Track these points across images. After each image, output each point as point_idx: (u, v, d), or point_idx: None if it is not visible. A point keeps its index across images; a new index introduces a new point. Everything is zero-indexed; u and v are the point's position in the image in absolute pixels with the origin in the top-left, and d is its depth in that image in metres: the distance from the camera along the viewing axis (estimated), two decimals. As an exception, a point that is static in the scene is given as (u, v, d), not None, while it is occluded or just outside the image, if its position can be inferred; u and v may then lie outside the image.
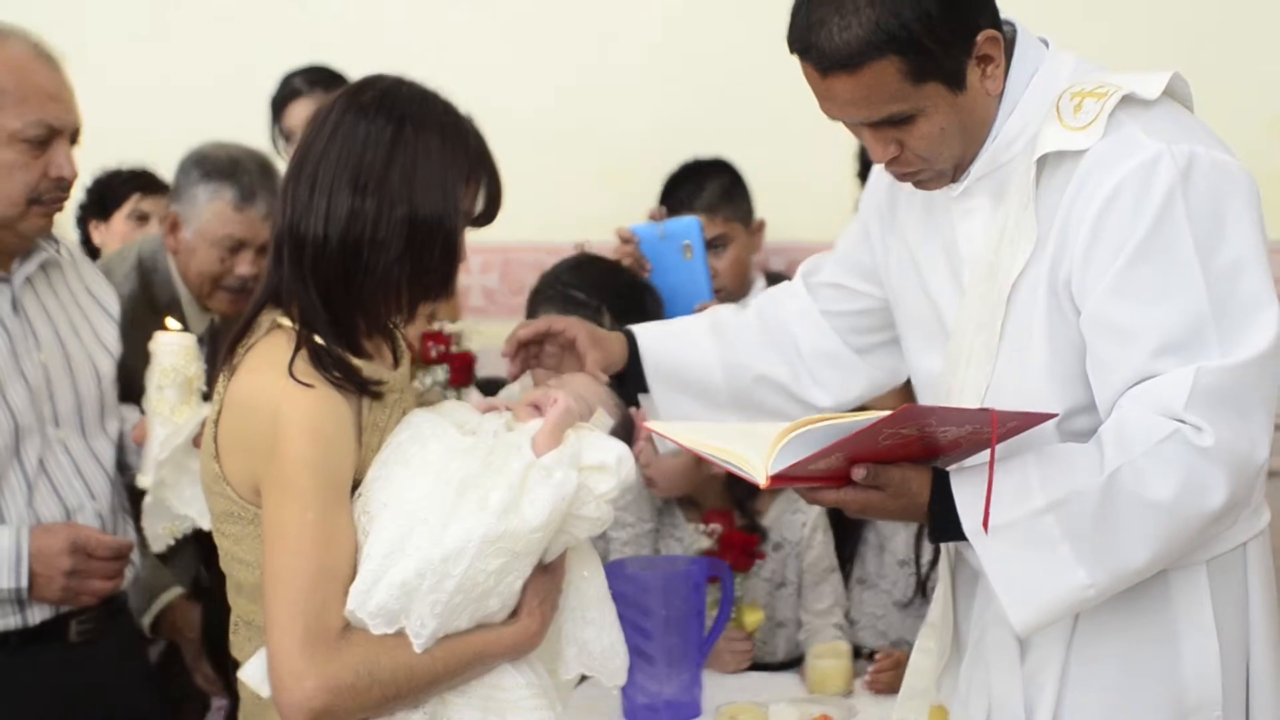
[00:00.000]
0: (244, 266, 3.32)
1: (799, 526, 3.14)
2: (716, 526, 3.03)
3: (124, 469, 2.75)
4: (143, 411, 2.65)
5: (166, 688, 3.09)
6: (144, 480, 2.57)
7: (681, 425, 2.21)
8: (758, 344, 2.48)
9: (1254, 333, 1.94)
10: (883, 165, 2.11)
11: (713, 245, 3.52)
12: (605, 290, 3.14)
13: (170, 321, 2.70)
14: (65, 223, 3.61)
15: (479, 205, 2.01)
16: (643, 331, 2.49)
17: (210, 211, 3.31)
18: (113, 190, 3.96)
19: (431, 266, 1.94)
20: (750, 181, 3.69)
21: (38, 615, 2.54)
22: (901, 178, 2.13)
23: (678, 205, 3.55)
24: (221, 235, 3.30)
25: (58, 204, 2.56)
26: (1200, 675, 2.06)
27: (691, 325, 2.52)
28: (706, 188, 3.59)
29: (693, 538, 3.11)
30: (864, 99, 2.00)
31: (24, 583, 2.46)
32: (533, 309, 3.20)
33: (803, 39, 2.00)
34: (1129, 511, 1.93)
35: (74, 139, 2.57)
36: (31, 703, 2.55)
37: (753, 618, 3.06)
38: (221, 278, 3.32)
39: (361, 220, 1.90)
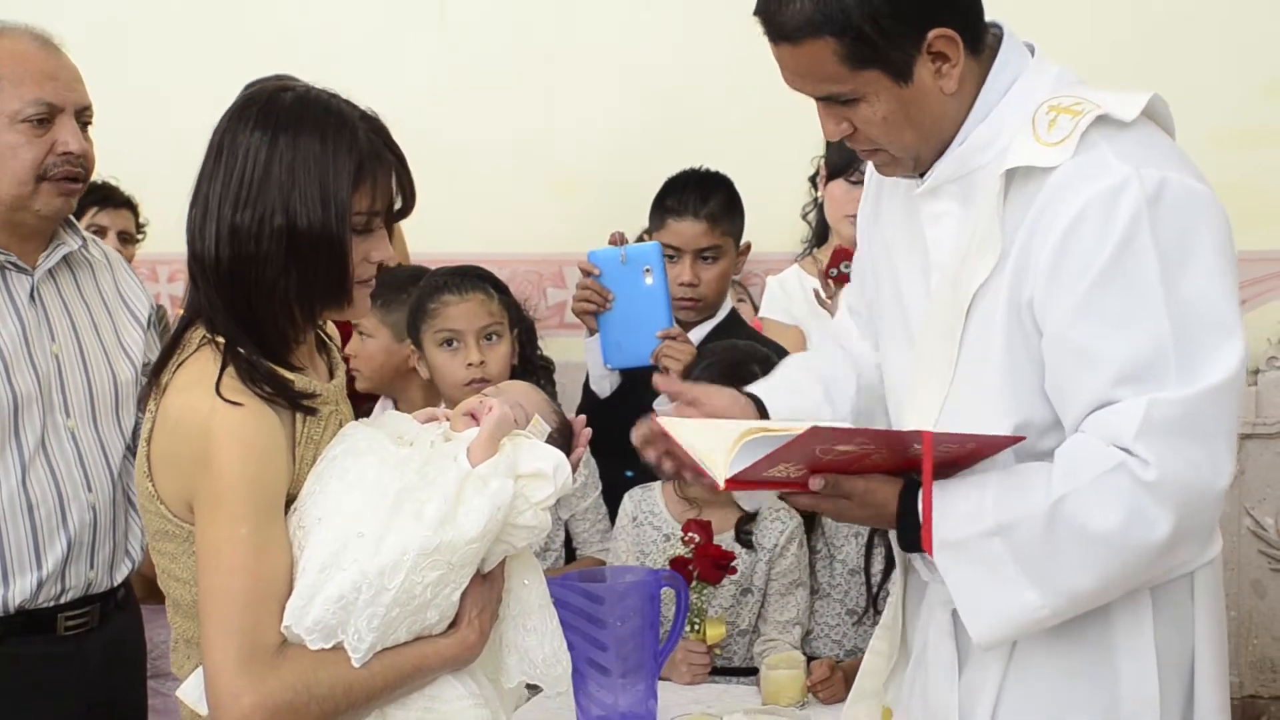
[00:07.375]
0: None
1: (775, 534, 3.14)
2: (694, 535, 3.01)
3: None
4: None
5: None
6: None
7: (689, 421, 2.15)
8: (846, 378, 2.39)
9: (1215, 362, 1.91)
10: (838, 140, 2.12)
11: (704, 255, 3.49)
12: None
13: None
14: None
15: (396, 200, 1.98)
16: (768, 396, 2.35)
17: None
18: None
19: (319, 276, 1.92)
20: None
21: (17, 596, 2.53)
22: (863, 156, 2.16)
23: (676, 206, 3.50)
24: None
25: (71, 181, 2.59)
26: (1137, 701, 2.04)
27: (802, 379, 2.41)
28: (713, 197, 3.53)
29: (670, 533, 3.12)
30: (804, 74, 2.04)
31: None
32: None
33: (761, 6, 2.05)
34: (1072, 539, 1.92)
35: (85, 119, 2.61)
36: (15, 699, 2.54)
37: (715, 632, 3.05)
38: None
39: (243, 236, 1.89)
